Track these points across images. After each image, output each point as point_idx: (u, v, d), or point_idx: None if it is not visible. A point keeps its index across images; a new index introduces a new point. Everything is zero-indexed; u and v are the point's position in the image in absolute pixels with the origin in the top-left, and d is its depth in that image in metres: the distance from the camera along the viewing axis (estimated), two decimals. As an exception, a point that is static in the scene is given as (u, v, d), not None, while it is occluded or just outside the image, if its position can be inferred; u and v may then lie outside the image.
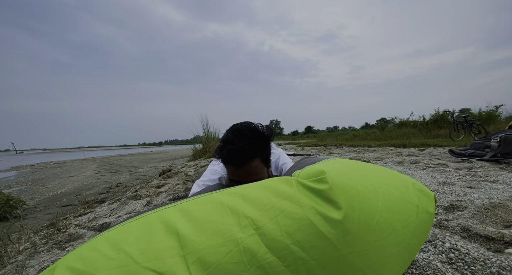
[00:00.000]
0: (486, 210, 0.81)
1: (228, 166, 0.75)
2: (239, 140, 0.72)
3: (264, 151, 0.76)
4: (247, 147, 0.71)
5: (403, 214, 0.35)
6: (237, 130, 0.75)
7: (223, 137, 0.77)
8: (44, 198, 4.34)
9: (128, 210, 1.66)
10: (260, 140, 0.75)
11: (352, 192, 0.34)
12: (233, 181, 0.76)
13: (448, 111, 7.59)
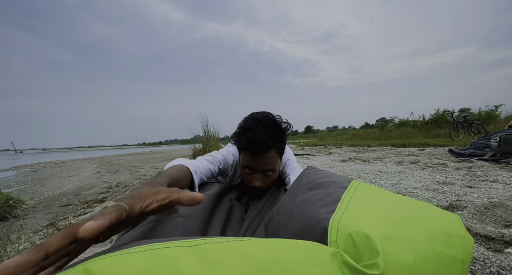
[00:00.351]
0: (485, 209, 0.81)
1: (244, 152, 0.76)
2: (258, 129, 0.73)
3: (281, 142, 0.77)
4: (266, 136, 0.72)
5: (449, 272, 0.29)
6: (257, 119, 0.76)
7: (242, 124, 0.77)
8: (44, 198, 4.34)
9: (128, 209, 1.66)
10: (278, 131, 0.76)
11: (405, 270, 0.27)
12: (246, 167, 0.77)
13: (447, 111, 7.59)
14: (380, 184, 1.32)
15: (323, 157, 3.15)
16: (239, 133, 0.77)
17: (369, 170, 1.85)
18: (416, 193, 1.08)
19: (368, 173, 1.69)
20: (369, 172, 1.73)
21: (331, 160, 2.72)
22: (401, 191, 1.12)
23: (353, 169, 1.91)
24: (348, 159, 2.66)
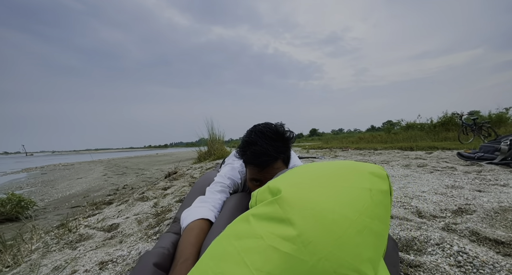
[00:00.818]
0: (495, 213, 0.80)
1: (250, 166, 0.77)
2: (263, 142, 0.74)
3: (286, 152, 0.78)
4: (271, 148, 0.73)
5: (357, 202, 0.36)
6: (260, 132, 0.77)
7: (246, 138, 0.79)
8: (54, 199, 4.43)
9: (136, 211, 1.68)
10: (282, 141, 0.77)
11: (302, 203, 0.35)
12: (253, 179, 0.78)
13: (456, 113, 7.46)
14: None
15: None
16: (243, 147, 0.78)
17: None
18: (423, 196, 1.07)
19: (374, 176, 1.68)
20: (375, 175, 1.72)
21: (337, 163, 2.71)
22: (408, 195, 1.11)
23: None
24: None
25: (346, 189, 0.37)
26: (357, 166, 0.44)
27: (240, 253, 0.32)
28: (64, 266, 0.92)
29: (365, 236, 0.32)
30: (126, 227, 1.33)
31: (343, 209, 0.34)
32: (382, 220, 0.36)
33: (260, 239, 0.33)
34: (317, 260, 0.29)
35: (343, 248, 0.30)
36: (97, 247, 1.10)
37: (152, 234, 1.13)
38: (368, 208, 0.35)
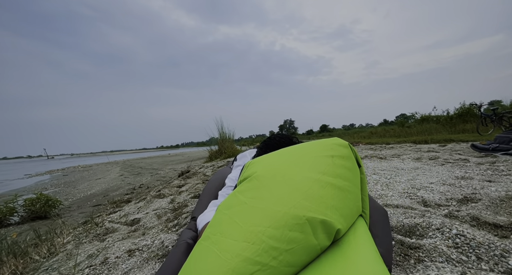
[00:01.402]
0: (501, 201, 0.81)
1: None
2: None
3: None
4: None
5: (319, 166, 0.44)
6: (276, 146, 0.86)
7: (262, 151, 0.88)
8: (77, 199, 4.71)
9: (154, 207, 1.79)
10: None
11: (273, 173, 0.46)
12: None
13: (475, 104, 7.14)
14: (395, 179, 1.34)
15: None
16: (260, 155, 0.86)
17: (385, 166, 1.85)
18: (431, 187, 1.09)
19: (383, 170, 1.69)
20: (384, 169, 1.73)
21: (347, 158, 2.72)
22: (416, 186, 1.13)
23: (369, 166, 1.91)
24: (364, 157, 2.64)
25: (310, 158, 0.46)
26: (323, 141, 0.53)
27: (231, 217, 0.41)
28: (96, 254, 1.02)
29: (328, 189, 0.40)
30: (147, 221, 1.43)
31: (307, 172, 0.43)
32: (345, 178, 0.44)
33: (244, 204, 0.42)
34: (288, 208, 0.37)
35: (309, 198, 0.39)
36: (123, 238, 1.20)
37: (171, 227, 1.22)
38: (329, 169, 0.43)
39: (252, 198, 0.42)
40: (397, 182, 1.26)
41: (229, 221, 0.41)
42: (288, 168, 0.45)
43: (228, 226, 0.39)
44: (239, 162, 1.31)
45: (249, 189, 0.45)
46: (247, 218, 0.39)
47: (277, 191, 0.41)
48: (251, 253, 0.34)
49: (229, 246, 0.36)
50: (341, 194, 0.41)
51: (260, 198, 0.41)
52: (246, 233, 0.37)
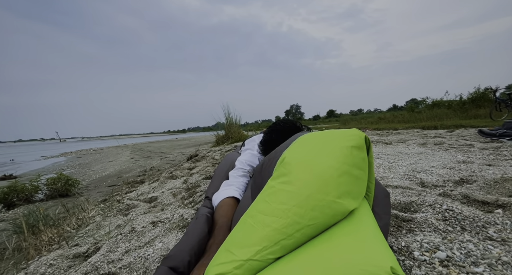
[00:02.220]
0: (495, 183, 0.87)
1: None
2: (283, 140, 0.85)
3: None
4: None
5: (340, 155, 0.51)
6: (281, 131, 0.91)
7: (268, 136, 0.93)
8: (93, 179, 4.99)
9: (169, 187, 1.93)
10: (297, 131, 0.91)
11: (299, 161, 0.54)
12: None
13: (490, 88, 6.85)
14: (398, 163, 1.40)
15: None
16: (265, 146, 0.92)
17: (390, 151, 1.90)
18: (431, 170, 1.15)
19: (387, 154, 1.75)
20: (388, 154, 1.78)
21: (352, 143, 2.77)
22: (417, 169, 1.19)
23: (374, 151, 1.96)
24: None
25: (333, 148, 0.53)
26: (343, 132, 0.59)
27: (265, 198, 0.51)
28: (124, 225, 1.15)
29: (345, 177, 0.48)
30: (164, 199, 1.56)
31: (329, 161, 0.50)
32: (359, 167, 0.51)
33: (273, 187, 0.52)
34: (310, 193, 0.46)
35: (328, 185, 0.46)
36: (145, 212, 1.33)
37: (188, 203, 1.34)
38: (348, 159, 0.50)
39: (282, 183, 0.51)
40: (399, 166, 1.32)
41: (262, 201, 0.51)
42: (313, 157, 0.53)
43: (262, 205, 0.50)
44: (247, 146, 1.40)
45: (278, 176, 0.54)
46: (276, 198, 0.49)
47: (302, 177, 0.49)
48: (279, 225, 0.44)
49: (261, 220, 0.47)
50: (356, 181, 0.49)
51: (288, 183, 0.50)
52: (275, 210, 0.46)
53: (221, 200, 0.84)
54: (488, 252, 0.45)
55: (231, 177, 1.00)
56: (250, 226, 0.47)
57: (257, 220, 0.47)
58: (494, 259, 0.42)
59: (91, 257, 0.86)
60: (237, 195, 0.87)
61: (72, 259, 0.88)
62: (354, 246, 0.39)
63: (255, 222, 0.47)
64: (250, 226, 0.47)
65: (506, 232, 0.54)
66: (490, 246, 0.47)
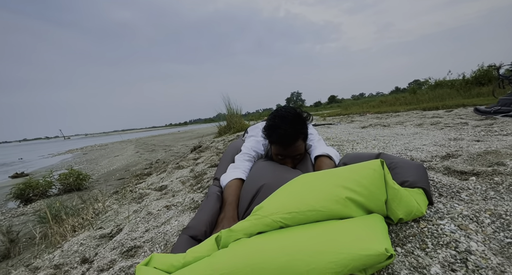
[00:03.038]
0: (478, 156, 0.94)
1: (275, 145, 0.96)
2: (285, 125, 0.90)
3: (304, 131, 0.97)
4: (292, 131, 0.90)
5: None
6: (283, 116, 0.94)
7: (271, 122, 0.96)
8: (101, 174, 5.15)
9: (177, 176, 2.03)
10: (301, 123, 0.95)
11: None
12: (278, 155, 0.97)
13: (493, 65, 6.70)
14: (392, 143, 1.47)
15: (344, 125, 3.24)
16: (269, 130, 0.95)
17: (387, 133, 1.97)
18: (422, 148, 1.22)
19: (384, 136, 1.82)
20: (385, 135, 1.85)
21: (352, 127, 2.82)
22: (409, 148, 1.27)
23: (371, 134, 2.03)
24: (369, 125, 2.74)
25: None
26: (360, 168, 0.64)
27: (292, 183, 0.64)
28: (140, 210, 1.26)
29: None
30: (174, 187, 1.67)
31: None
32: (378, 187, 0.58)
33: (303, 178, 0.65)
34: (328, 188, 0.56)
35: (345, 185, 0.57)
36: (157, 199, 1.44)
37: (196, 189, 1.44)
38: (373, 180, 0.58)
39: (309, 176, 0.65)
40: (393, 146, 1.40)
41: (291, 184, 0.65)
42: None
43: (289, 186, 0.64)
44: (251, 133, 1.47)
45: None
46: (300, 185, 0.62)
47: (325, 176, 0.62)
48: (295, 202, 0.55)
49: (285, 194, 0.61)
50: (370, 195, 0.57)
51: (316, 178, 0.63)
52: (296, 191, 0.60)
53: (229, 181, 0.92)
54: (453, 209, 0.53)
55: (237, 160, 1.08)
56: (276, 196, 0.59)
57: (283, 193, 0.60)
58: (456, 214, 0.51)
59: (115, 236, 0.97)
60: (244, 177, 0.96)
61: (99, 239, 0.99)
62: (360, 232, 0.47)
63: (280, 194, 0.59)
64: (276, 196, 0.59)
65: (475, 195, 0.62)
66: (456, 204, 0.56)
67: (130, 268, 0.65)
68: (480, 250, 0.42)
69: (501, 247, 0.43)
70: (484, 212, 0.51)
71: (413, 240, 0.48)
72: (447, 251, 0.43)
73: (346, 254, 0.43)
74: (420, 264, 0.42)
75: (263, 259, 0.42)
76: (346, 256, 0.42)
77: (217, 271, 0.42)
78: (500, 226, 0.47)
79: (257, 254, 0.44)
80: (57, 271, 0.78)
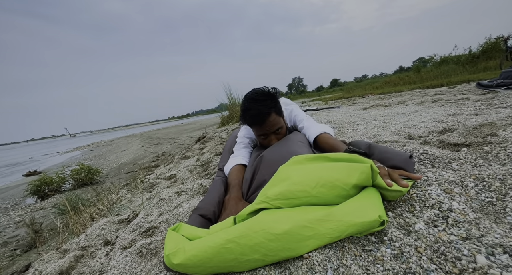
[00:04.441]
0: (473, 129, 0.97)
1: (253, 127, 1.00)
2: (255, 105, 0.94)
3: (275, 106, 1.00)
4: (262, 108, 0.94)
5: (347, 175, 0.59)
6: (250, 98, 0.98)
7: (242, 107, 1.00)
8: (111, 168, 5.31)
9: (184, 165, 2.11)
10: (270, 98, 0.99)
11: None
12: (260, 135, 1.02)
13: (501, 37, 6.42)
14: (392, 122, 1.49)
15: (345, 108, 3.24)
16: (242, 114, 1.00)
17: (387, 113, 1.98)
18: (420, 125, 1.25)
19: (384, 116, 1.83)
20: (385, 115, 1.87)
21: (353, 110, 2.83)
22: (408, 126, 1.29)
23: (372, 114, 2.05)
24: (370, 106, 2.74)
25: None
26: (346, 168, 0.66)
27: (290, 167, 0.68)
28: (152, 197, 1.34)
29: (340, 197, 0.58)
30: (182, 175, 1.75)
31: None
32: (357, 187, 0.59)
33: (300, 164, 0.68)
34: (323, 175, 0.60)
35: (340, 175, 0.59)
36: (168, 187, 1.52)
37: (204, 175, 1.51)
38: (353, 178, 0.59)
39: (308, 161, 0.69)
40: (393, 124, 1.43)
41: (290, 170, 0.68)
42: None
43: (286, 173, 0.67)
44: None
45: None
46: (298, 172, 0.65)
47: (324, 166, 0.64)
48: (293, 188, 0.59)
49: (283, 181, 0.63)
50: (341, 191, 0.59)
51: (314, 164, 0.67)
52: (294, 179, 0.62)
53: (231, 168, 0.99)
54: (441, 176, 0.57)
55: (235, 150, 1.15)
56: (274, 184, 0.63)
57: (281, 180, 0.64)
58: (443, 180, 0.55)
59: (132, 221, 1.05)
60: (244, 162, 1.02)
61: (117, 224, 1.08)
62: (356, 204, 0.53)
63: (278, 181, 0.64)
64: (274, 184, 0.63)
65: (465, 164, 0.66)
66: (444, 172, 0.60)
67: (150, 244, 0.73)
68: (461, 209, 0.46)
69: (481, 206, 0.48)
70: (469, 177, 0.55)
71: (403, 205, 0.53)
72: (431, 211, 0.48)
73: (344, 221, 0.48)
74: (406, 223, 0.48)
75: (269, 226, 0.49)
76: (344, 223, 0.48)
77: (230, 235, 0.49)
78: (483, 188, 0.52)
79: (264, 222, 0.50)
80: (84, 252, 0.86)
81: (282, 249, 0.46)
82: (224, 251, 0.47)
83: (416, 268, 0.39)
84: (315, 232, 0.48)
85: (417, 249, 0.42)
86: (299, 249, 0.47)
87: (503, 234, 0.40)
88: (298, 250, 0.47)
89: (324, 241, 0.48)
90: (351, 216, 0.49)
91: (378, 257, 0.43)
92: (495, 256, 0.37)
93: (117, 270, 0.66)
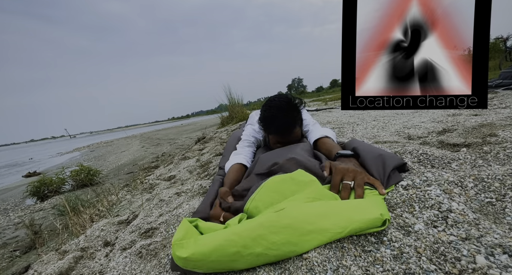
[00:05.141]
0: (473, 129, 0.97)
1: (274, 135, 0.99)
2: (282, 115, 0.93)
3: (300, 118, 1.00)
4: (290, 120, 0.93)
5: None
6: (278, 106, 0.95)
7: (266, 113, 0.97)
8: (110, 169, 5.30)
9: (184, 166, 2.11)
10: (296, 110, 0.98)
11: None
12: (277, 142, 1.01)
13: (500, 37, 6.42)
14: (391, 123, 1.50)
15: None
16: (266, 121, 0.97)
17: (387, 113, 1.98)
18: (420, 125, 1.25)
19: (384, 116, 1.84)
20: (385, 115, 1.87)
21: (353, 110, 2.84)
22: (407, 126, 1.30)
23: (371, 114, 2.05)
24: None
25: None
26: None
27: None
28: (152, 198, 1.34)
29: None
30: (182, 176, 1.74)
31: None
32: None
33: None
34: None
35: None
36: (167, 187, 1.52)
37: (203, 176, 1.51)
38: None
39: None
40: (392, 125, 1.43)
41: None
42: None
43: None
44: (249, 121, 1.52)
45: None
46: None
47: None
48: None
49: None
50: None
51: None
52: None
53: (230, 166, 0.98)
54: (441, 176, 0.58)
55: (239, 147, 1.14)
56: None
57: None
58: (443, 180, 0.55)
59: (132, 222, 1.05)
60: (244, 162, 1.01)
61: (117, 225, 1.08)
62: (359, 203, 0.53)
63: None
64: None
65: (465, 164, 0.66)
66: (443, 173, 0.60)
67: (150, 245, 0.72)
68: (460, 209, 0.46)
69: (480, 206, 0.48)
70: (468, 177, 0.55)
71: (402, 206, 0.53)
72: (431, 211, 0.48)
73: (345, 217, 0.48)
74: (406, 223, 0.48)
75: (271, 220, 0.49)
76: (346, 219, 0.48)
77: (235, 229, 0.50)
78: (482, 189, 0.52)
79: (266, 217, 0.51)
80: (83, 253, 0.86)
81: (285, 242, 0.46)
82: (226, 244, 0.47)
83: (415, 269, 0.39)
84: (317, 227, 0.48)
85: (417, 250, 0.42)
86: (302, 244, 0.47)
87: (503, 235, 0.41)
88: (301, 245, 0.47)
89: (326, 236, 0.47)
90: (353, 212, 0.49)
91: (378, 258, 0.43)
92: (494, 257, 0.37)
93: (116, 271, 0.66)
